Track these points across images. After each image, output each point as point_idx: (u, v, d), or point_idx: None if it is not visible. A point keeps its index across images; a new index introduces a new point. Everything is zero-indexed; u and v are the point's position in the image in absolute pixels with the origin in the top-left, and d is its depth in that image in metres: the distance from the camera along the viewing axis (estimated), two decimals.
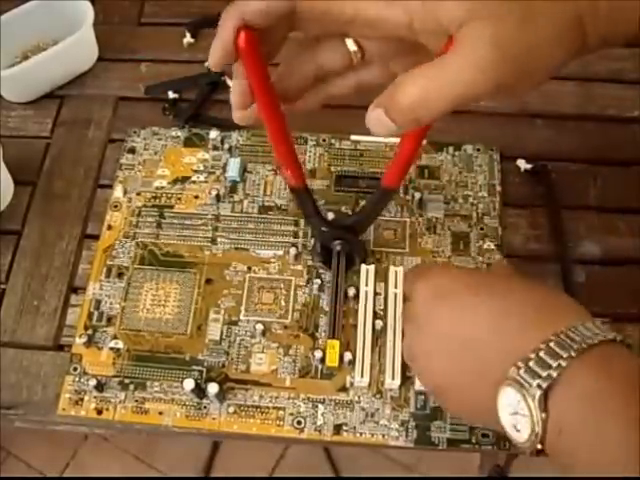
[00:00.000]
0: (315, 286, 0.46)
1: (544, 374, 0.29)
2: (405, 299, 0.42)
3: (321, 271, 0.47)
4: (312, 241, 0.48)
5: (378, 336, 0.44)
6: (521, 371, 0.30)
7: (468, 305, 0.34)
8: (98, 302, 0.46)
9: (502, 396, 0.31)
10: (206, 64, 0.57)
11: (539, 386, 0.29)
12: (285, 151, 0.40)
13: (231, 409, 0.43)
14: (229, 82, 0.56)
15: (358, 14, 0.32)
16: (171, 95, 0.55)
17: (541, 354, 0.29)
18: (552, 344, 0.29)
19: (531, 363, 0.29)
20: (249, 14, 0.32)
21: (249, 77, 0.35)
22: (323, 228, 0.45)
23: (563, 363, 0.29)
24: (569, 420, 0.29)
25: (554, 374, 0.29)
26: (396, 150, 0.39)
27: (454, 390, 0.35)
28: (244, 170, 0.51)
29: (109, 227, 0.49)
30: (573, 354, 0.29)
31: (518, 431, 0.30)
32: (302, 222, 0.49)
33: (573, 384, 0.29)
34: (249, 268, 0.47)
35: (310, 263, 0.47)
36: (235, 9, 0.32)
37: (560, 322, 0.30)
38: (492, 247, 0.47)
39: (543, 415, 0.29)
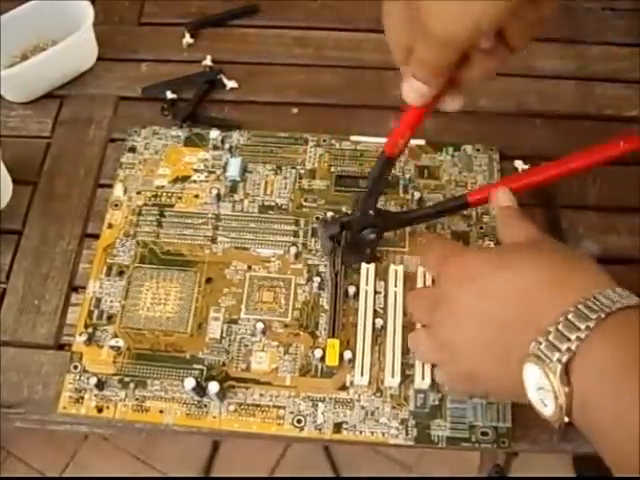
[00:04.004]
0: (315, 284, 0.46)
1: (563, 348, 0.29)
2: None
3: (321, 269, 0.47)
4: (320, 226, 0.47)
5: (378, 335, 0.44)
6: (542, 346, 0.30)
7: (498, 283, 0.34)
8: (98, 300, 0.46)
9: (526, 372, 0.31)
10: (203, 63, 0.57)
11: (559, 360, 0.29)
12: (412, 121, 0.39)
13: (231, 407, 0.43)
14: (225, 81, 0.56)
15: None
16: (169, 95, 0.55)
17: (560, 327, 0.30)
18: (570, 316, 0.30)
19: (551, 337, 0.30)
20: None
21: None
22: (371, 211, 0.44)
23: (581, 335, 0.29)
24: (591, 392, 0.29)
25: (573, 347, 0.29)
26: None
27: (485, 370, 0.35)
28: (244, 170, 0.51)
29: (109, 226, 0.49)
30: (591, 325, 0.29)
31: (546, 405, 0.31)
32: (302, 221, 0.49)
33: (592, 356, 0.29)
34: (249, 267, 0.47)
35: (310, 262, 0.47)
36: None
37: (579, 292, 0.30)
38: (491, 246, 0.47)
39: (566, 389, 0.29)
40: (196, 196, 0.50)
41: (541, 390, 0.31)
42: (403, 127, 0.40)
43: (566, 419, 0.30)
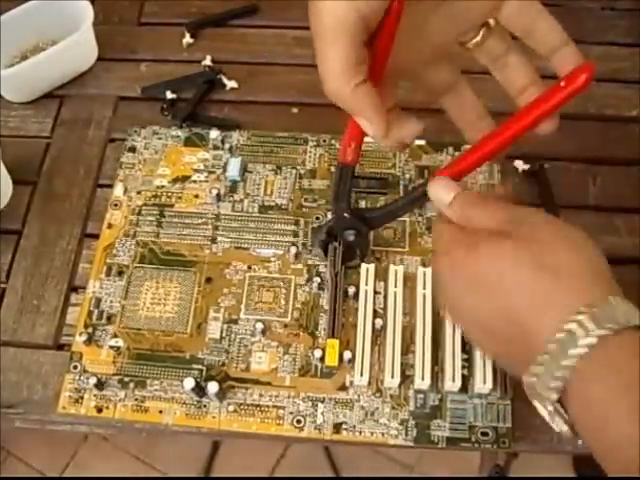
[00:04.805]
0: (315, 284, 0.46)
1: (557, 374, 0.29)
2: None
3: (321, 269, 0.47)
4: (313, 228, 0.48)
5: (378, 335, 0.44)
6: (535, 379, 0.30)
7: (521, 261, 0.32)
8: (98, 300, 0.46)
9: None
10: (203, 63, 0.57)
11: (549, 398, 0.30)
12: (358, 127, 0.38)
13: (231, 408, 0.43)
14: (225, 81, 0.56)
15: None
16: (169, 95, 0.55)
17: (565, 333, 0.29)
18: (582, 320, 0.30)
19: (547, 356, 0.29)
20: None
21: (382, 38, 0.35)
22: (345, 214, 0.43)
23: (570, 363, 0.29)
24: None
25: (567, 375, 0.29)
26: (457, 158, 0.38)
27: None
28: (244, 170, 0.51)
29: (109, 225, 0.49)
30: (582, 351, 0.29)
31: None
32: (302, 221, 0.49)
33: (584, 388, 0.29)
34: (249, 267, 0.47)
35: (310, 262, 0.47)
36: None
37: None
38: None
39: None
40: (196, 196, 0.50)
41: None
42: (349, 133, 0.40)
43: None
